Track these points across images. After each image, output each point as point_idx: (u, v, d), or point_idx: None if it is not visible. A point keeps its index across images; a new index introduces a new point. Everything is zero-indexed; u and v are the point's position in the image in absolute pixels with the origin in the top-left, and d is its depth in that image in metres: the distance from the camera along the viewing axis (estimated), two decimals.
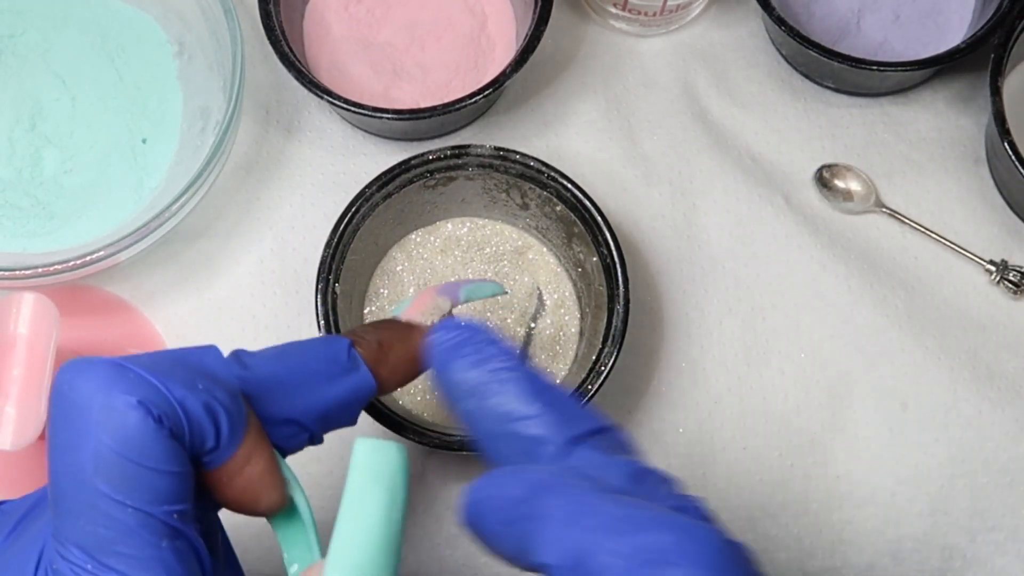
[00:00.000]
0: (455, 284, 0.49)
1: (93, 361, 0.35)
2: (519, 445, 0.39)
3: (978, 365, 0.63)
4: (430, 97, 0.65)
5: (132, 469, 0.34)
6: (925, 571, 0.61)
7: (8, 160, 0.63)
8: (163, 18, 0.66)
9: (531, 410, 0.39)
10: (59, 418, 0.35)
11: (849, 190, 0.65)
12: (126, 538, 0.34)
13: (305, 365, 0.41)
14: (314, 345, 0.42)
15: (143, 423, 0.34)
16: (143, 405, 0.35)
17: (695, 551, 0.33)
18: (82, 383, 0.35)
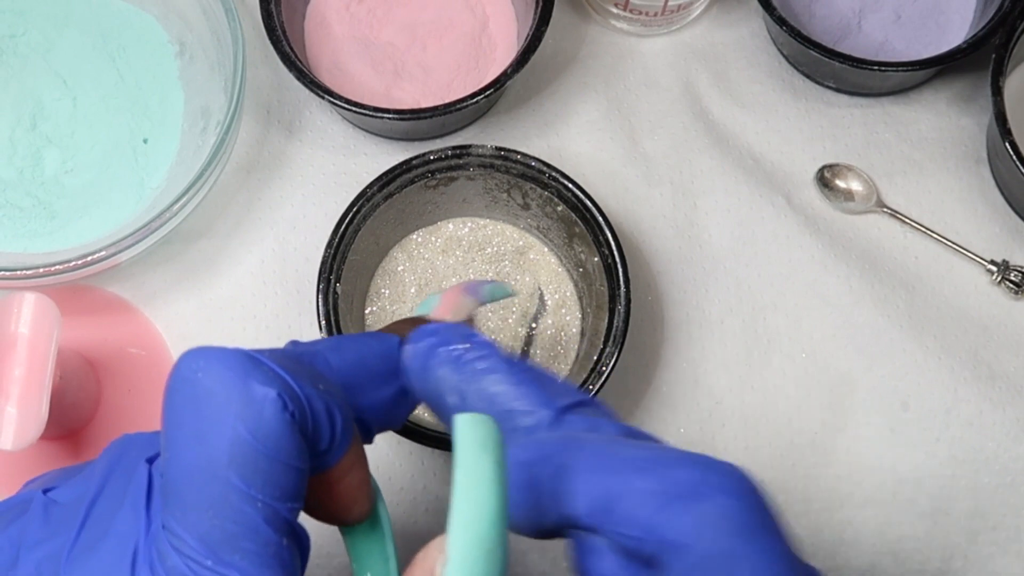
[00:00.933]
0: (477, 283, 0.48)
1: (226, 350, 0.34)
2: (510, 423, 0.39)
3: (979, 365, 0.63)
4: (431, 97, 0.65)
5: (266, 463, 0.33)
6: (926, 571, 0.61)
7: (9, 160, 0.63)
8: (164, 18, 0.66)
9: (516, 390, 0.38)
10: (186, 406, 0.33)
11: (850, 190, 0.65)
12: (253, 533, 0.33)
13: (365, 361, 0.39)
14: (368, 341, 0.40)
15: (280, 417, 0.33)
16: (281, 398, 0.33)
17: (722, 483, 0.34)
18: (220, 371, 0.33)
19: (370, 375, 0.39)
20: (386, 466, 0.61)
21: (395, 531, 0.60)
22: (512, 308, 0.62)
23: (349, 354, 0.39)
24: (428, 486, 0.61)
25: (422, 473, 0.61)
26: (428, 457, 0.61)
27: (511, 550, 0.59)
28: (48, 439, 0.59)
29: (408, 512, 0.60)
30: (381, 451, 0.61)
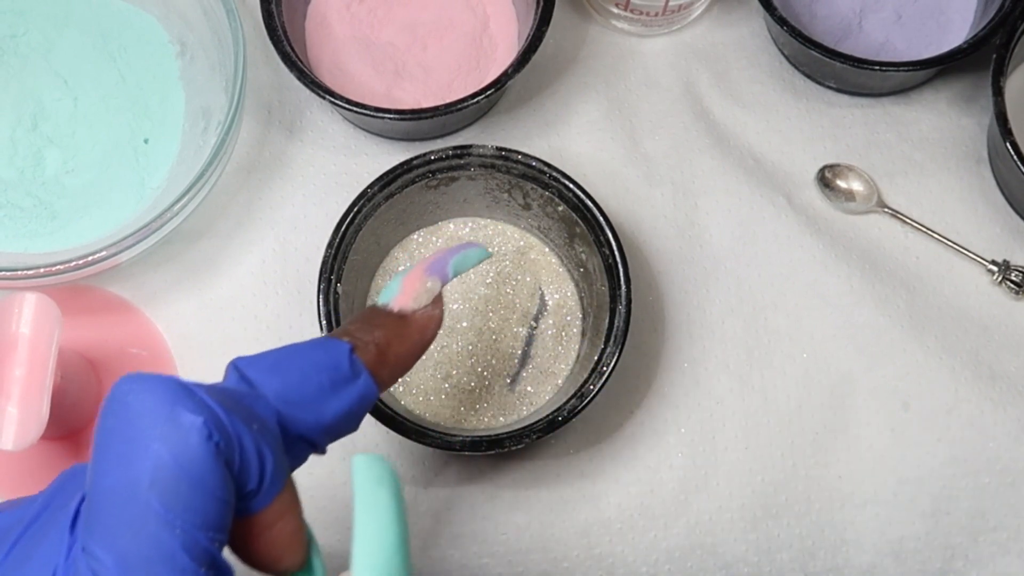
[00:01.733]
0: (442, 259, 0.47)
1: (158, 376, 0.34)
2: None
3: (980, 365, 0.63)
4: (432, 97, 0.65)
5: (187, 489, 0.33)
6: (927, 571, 0.61)
7: (10, 160, 0.63)
8: (165, 18, 0.66)
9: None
10: (115, 428, 0.34)
11: (851, 190, 0.65)
12: (169, 559, 0.33)
13: (308, 378, 0.39)
14: (313, 353, 0.40)
15: (205, 445, 0.34)
16: (207, 427, 0.34)
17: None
18: (147, 395, 0.34)
19: (316, 392, 0.39)
20: None
21: None
22: (513, 308, 0.62)
23: (292, 374, 0.39)
24: (429, 486, 0.61)
25: (423, 473, 0.61)
26: (430, 456, 0.61)
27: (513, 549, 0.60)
28: (49, 439, 0.59)
29: (409, 512, 0.60)
30: (382, 451, 0.61)
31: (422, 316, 0.45)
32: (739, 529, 0.61)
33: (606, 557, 0.60)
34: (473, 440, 0.55)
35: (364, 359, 0.41)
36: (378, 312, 0.45)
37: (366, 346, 0.42)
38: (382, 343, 0.43)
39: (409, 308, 0.45)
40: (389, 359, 0.43)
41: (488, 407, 0.60)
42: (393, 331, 0.44)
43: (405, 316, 0.45)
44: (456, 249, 0.47)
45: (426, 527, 0.60)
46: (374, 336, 0.43)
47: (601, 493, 0.61)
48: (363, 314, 0.45)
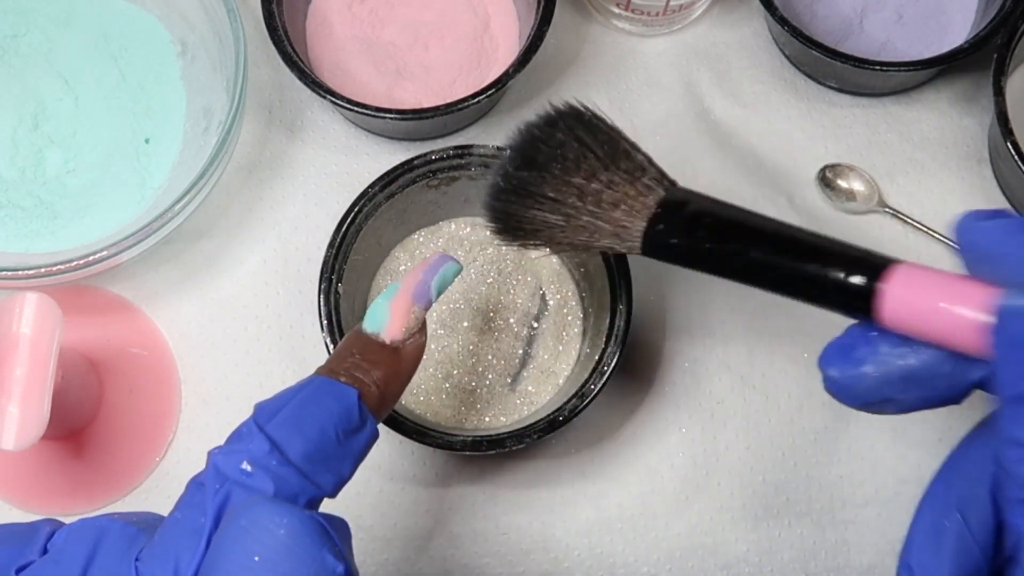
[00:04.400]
0: (423, 283, 0.47)
1: (303, 514, 0.37)
2: None
3: None
4: (433, 97, 0.65)
5: None
6: None
7: (11, 160, 0.63)
8: (166, 18, 0.66)
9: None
10: (261, 553, 0.36)
11: (852, 190, 0.65)
12: None
13: (326, 434, 0.41)
14: (326, 403, 0.42)
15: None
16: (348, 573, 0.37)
17: None
18: (301, 534, 0.36)
19: (334, 448, 0.41)
20: (388, 465, 0.61)
21: (396, 531, 0.60)
22: (514, 308, 0.62)
23: (312, 430, 0.41)
24: (430, 486, 0.61)
25: (424, 473, 0.61)
26: (430, 456, 0.61)
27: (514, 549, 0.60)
28: (50, 439, 0.59)
29: (408, 512, 0.60)
30: (383, 451, 0.61)
31: (412, 348, 0.46)
32: (740, 529, 0.61)
33: (607, 557, 0.60)
34: (474, 440, 0.55)
35: (368, 403, 0.43)
36: (371, 345, 0.45)
37: (369, 389, 0.43)
38: (381, 384, 0.44)
39: (400, 340, 0.45)
40: (387, 399, 0.45)
41: (489, 407, 0.60)
42: (390, 368, 0.45)
43: (397, 350, 0.45)
44: (434, 267, 0.47)
45: (426, 527, 0.60)
46: (374, 377, 0.44)
47: (602, 493, 0.61)
48: (356, 345, 0.45)
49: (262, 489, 0.39)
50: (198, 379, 0.62)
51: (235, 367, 0.62)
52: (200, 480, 0.40)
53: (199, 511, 0.39)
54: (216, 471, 0.39)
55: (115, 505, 0.60)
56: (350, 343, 0.45)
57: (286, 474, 0.39)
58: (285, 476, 0.39)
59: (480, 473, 0.61)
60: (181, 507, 0.40)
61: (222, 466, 0.39)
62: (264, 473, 0.39)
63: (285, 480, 0.39)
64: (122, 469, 0.61)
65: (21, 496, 0.60)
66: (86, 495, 0.60)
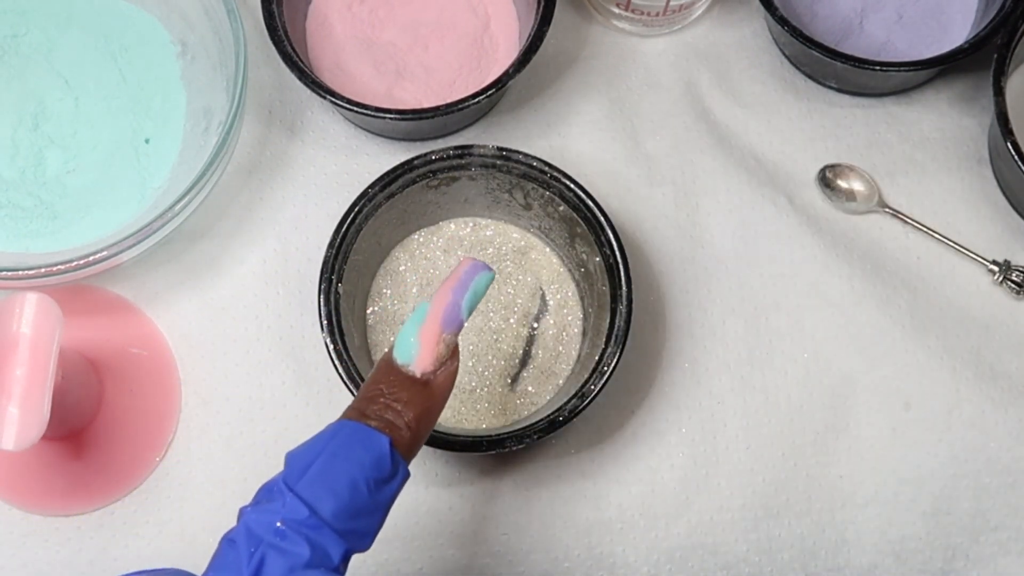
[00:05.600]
0: (452, 307, 0.45)
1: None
2: None
3: (981, 365, 0.63)
4: (433, 97, 0.65)
5: None
6: (928, 571, 0.61)
7: (11, 160, 0.63)
8: (166, 18, 0.66)
9: None
10: None
11: (852, 190, 0.65)
12: None
13: (357, 488, 0.41)
14: (356, 454, 0.41)
15: None
16: None
17: None
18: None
19: (366, 500, 0.41)
20: None
21: (396, 531, 0.60)
22: (514, 308, 0.62)
23: (342, 485, 0.40)
24: (430, 486, 0.61)
25: (424, 473, 0.61)
26: (430, 458, 0.61)
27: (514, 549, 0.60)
28: (50, 439, 0.59)
29: (410, 512, 0.60)
30: None
31: (443, 378, 0.45)
32: (740, 529, 0.61)
33: (607, 557, 0.60)
34: (474, 440, 0.55)
35: (400, 449, 0.42)
36: (401, 380, 0.44)
37: (400, 434, 0.43)
38: (413, 425, 0.43)
39: (432, 372, 0.44)
40: (419, 438, 0.44)
41: (489, 407, 0.60)
42: (421, 405, 0.44)
43: (429, 382, 0.44)
44: (463, 284, 0.45)
45: (427, 527, 0.60)
46: (406, 419, 0.43)
47: (602, 493, 0.61)
48: (385, 380, 0.44)
49: (297, 552, 0.39)
50: (198, 379, 0.62)
51: (235, 367, 0.62)
52: (232, 538, 0.40)
53: (235, 571, 0.39)
54: (249, 532, 0.39)
55: (115, 505, 0.60)
56: (379, 376, 0.44)
57: (320, 535, 0.39)
58: (319, 537, 0.39)
59: (480, 473, 0.61)
60: (215, 567, 0.39)
61: (255, 527, 0.39)
62: (298, 535, 0.39)
63: (319, 541, 0.39)
64: (122, 469, 0.61)
65: (21, 496, 0.60)
66: (86, 495, 0.60)
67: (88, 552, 0.60)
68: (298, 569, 0.38)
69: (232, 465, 0.61)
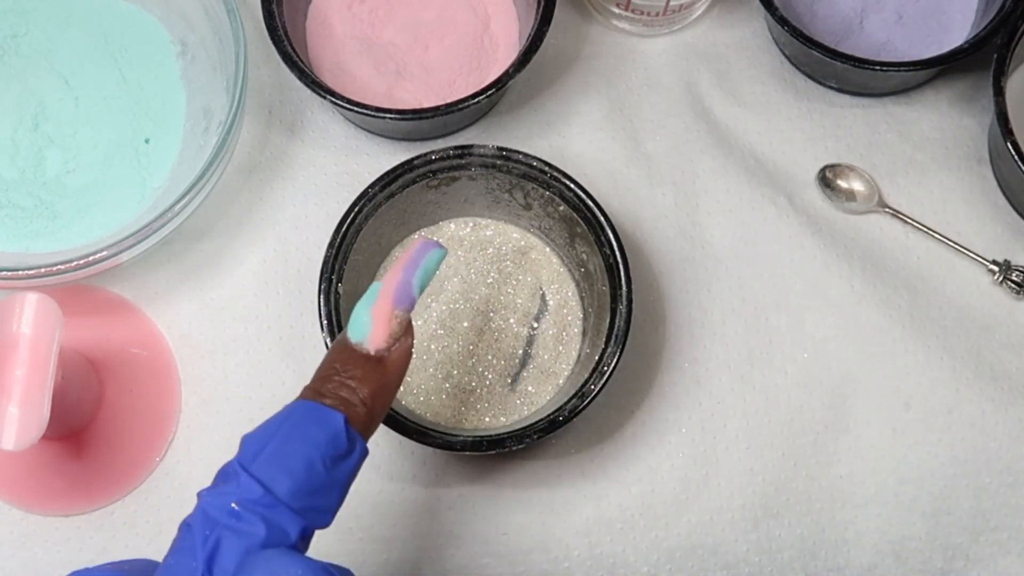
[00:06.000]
0: (403, 285, 0.45)
1: (315, 567, 0.38)
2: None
3: (981, 365, 0.63)
4: (433, 97, 0.65)
5: None
6: (928, 571, 0.61)
7: (11, 160, 0.63)
8: (166, 18, 0.66)
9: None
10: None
11: (852, 190, 0.65)
12: None
13: (313, 466, 0.41)
14: (311, 432, 0.41)
15: None
16: None
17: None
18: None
19: (322, 478, 0.41)
20: (388, 465, 0.61)
21: (396, 531, 0.60)
22: (514, 308, 0.62)
23: (297, 464, 0.40)
24: (430, 487, 0.61)
25: (424, 472, 0.61)
26: (430, 456, 0.61)
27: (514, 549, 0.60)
28: (50, 439, 0.59)
29: (408, 512, 0.60)
30: (383, 451, 0.61)
31: (398, 355, 0.45)
32: (740, 529, 0.61)
33: (607, 557, 0.60)
34: (474, 440, 0.55)
35: (355, 425, 0.42)
36: (355, 357, 0.44)
37: (356, 410, 0.43)
38: (368, 401, 0.43)
39: (385, 348, 0.45)
40: (376, 415, 0.44)
41: (489, 407, 0.60)
42: (376, 382, 0.44)
43: (383, 359, 0.44)
44: (414, 262, 0.46)
45: (427, 527, 0.60)
46: (360, 395, 0.43)
47: (602, 493, 0.61)
48: (339, 359, 0.44)
49: (253, 531, 0.39)
50: (198, 379, 0.62)
51: (235, 367, 0.62)
52: (188, 522, 0.40)
53: (190, 556, 0.39)
54: (204, 515, 0.39)
55: (115, 505, 0.60)
56: (334, 356, 0.44)
57: (275, 514, 0.39)
58: (274, 516, 0.39)
59: (480, 473, 0.61)
60: (174, 552, 0.40)
61: (210, 509, 0.39)
62: (253, 515, 0.39)
63: (275, 520, 0.39)
64: (122, 469, 0.61)
65: (21, 496, 0.60)
66: (86, 495, 0.60)
67: (88, 552, 0.60)
68: (255, 548, 0.38)
69: None
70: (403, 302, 0.45)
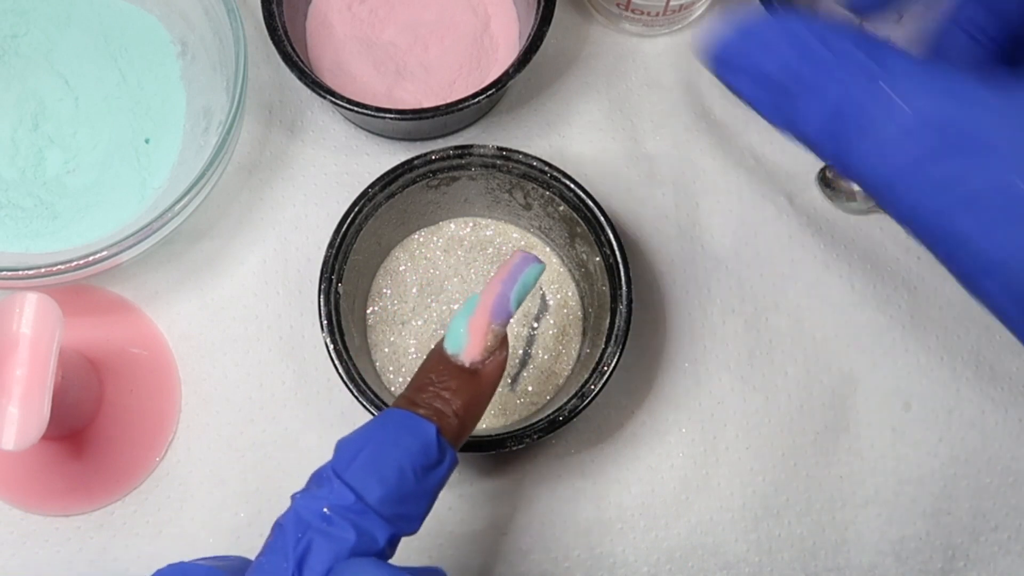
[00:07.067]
0: (502, 299, 0.46)
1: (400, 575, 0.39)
2: None
3: (981, 365, 0.63)
4: (433, 97, 0.65)
5: None
6: (928, 571, 0.61)
7: (11, 160, 0.63)
8: (166, 18, 0.66)
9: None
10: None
11: (852, 190, 0.65)
12: None
13: (405, 475, 0.41)
14: (404, 441, 0.42)
15: None
16: None
17: None
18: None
19: (413, 486, 0.42)
20: None
21: None
22: None
23: (390, 473, 0.41)
24: None
25: None
26: None
27: (514, 549, 0.60)
28: (50, 439, 0.59)
29: None
30: None
31: (492, 368, 0.46)
32: (740, 529, 0.61)
33: (607, 557, 0.60)
34: (474, 440, 0.55)
35: (447, 435, 0.43)
36: (450, 369, 0.45)
37: (448, 421, 0.43)
38: (461, 412, 0.44)
39: (480, 362, 0.45)
40: (468, 426, 0.44)
41: (489, 407, 0.60)
42: (469, 393, 0.44)
43: (477, 372, 0.45)
44: (513, 276, 0.46)
45: (427, 527, 0.60)
46: (454, 406, 0.44)
47: (602, 493, 0.61)
48: (435, 369, 0.45)
49: (344, 537, 0.39)
50: (198, 379, 0.62)
51: (235, 367, 0.62)
52: (281, 523, 0.41)
53: (282, 556, 0.39)
54: (297, 517, 0.40)
55: (115, 505, 0.60)
56: (429, 366, 0.45)
57: (366, 520, 0.40)
58: (365, 522, 0.40)
59: (480, 473, 0.61)
60: (266, 552, 0.40)
61: (303, 512, 0.40)
62: (344, 520, 0.40)
63: (365, 526, 0.40)
64: (122, 469, 0.61)
65: (21, 496, 0.60)
66: (86, 495, 0.60)
67: (88, 552, 0.60)
68: (343, 555, 0.39)
69: (232, 465, 0.61)
70: (500, 316, 0.46)
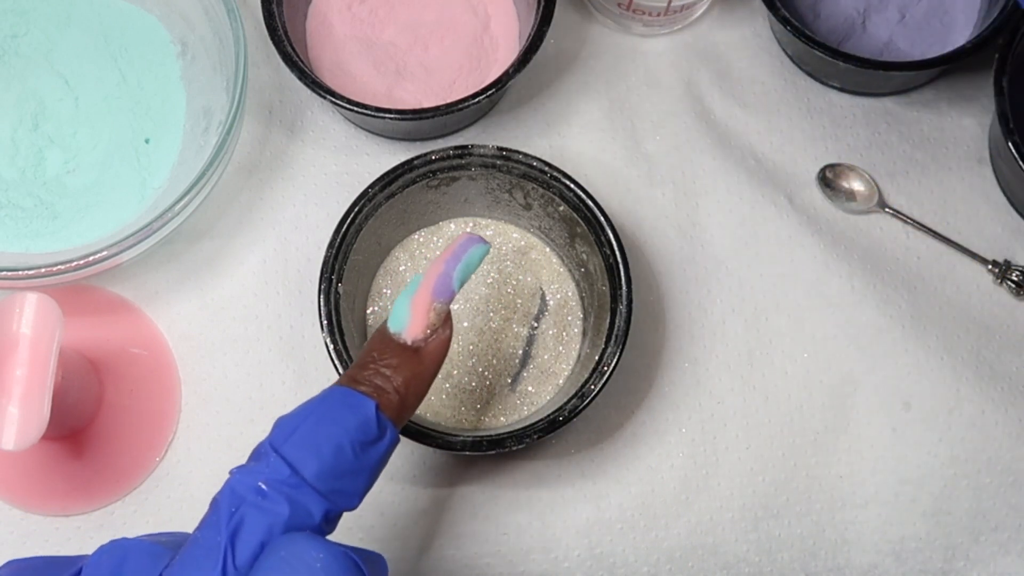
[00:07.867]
0: (444, 277, 0.46)
1: (336, 551, 0.39)
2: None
3: (981, 365, 0.63)
4: (433, 97, 0.65)
5: None
6: (928, 571, 0.61)
7: (11, 160, 0.63)
8: (166, 18, 0.66)
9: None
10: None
11: (852, 190, 0.65)
12: None
13: (342, 450, 0.41)
14: (342, 417, 0.42)
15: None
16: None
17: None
18: (338, 571, 0.38)
19: (351, 461, 0.42)
20: (388, 466, 0.60)
21: (396, 531, 0.60)
22: (514, 308, 0.62)
23: (326, 448, 0.41)
24: (430, 487, 0.61)
25: (424, 472, 0.61)
26: (430, 457, 0.61)
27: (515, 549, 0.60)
28: (50, 439, 0.59)
29: (408, 512, 0.60)
30: None
31: (435, 346, 0.46)
32: (740, 529, 0.61)
33: (607, 557, 0.60)
34: (474, 440, 0.55)
35: (387, 412, 0.43)
36: (392, 347, 0.45)
37: (388, 397, 0.44)
38: (402, 389, 0.44)
39: (422, 339, 0.45)
40: (409, 403, 0.45)
41: (489, 407, 0.60)
42: (411, 370, 0.45)
43: (419, 350, 0.45)
44: (456, 255, 0.47)
45: (426, 527, 0.60)
46: (394, 383, 0.44)
47: (602, 493, 0.61)
48: (377, 347, 0.45)
49: (277, 510, 0.40)
50: (198, 379, 0.62)
51: (235, 367, 0.62)
52: (216, 498, 0.41)
53: (216, 530, 0.39)
54: (232, 491, 0.40)
55: (115, 505, 0.60)
56: (372, 345, 0.45)
57: (300, 494, 0.40)
58: (299, 496, 0.40)
59: (480, 473, 0.61)
60: (202, 527, 0.40)
61: (237, 486, 0.40)
62: (278, 495, 0.40)
63: (299, 500, 0.40)
64: (122, 469, 0.61)
65: (21, 496, 0.60)
66: (86, 495, 0.60)
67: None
68: (278, 529, 0.39)
69: (232, 465, 0.61)
70: (442, 294, 0.46)
